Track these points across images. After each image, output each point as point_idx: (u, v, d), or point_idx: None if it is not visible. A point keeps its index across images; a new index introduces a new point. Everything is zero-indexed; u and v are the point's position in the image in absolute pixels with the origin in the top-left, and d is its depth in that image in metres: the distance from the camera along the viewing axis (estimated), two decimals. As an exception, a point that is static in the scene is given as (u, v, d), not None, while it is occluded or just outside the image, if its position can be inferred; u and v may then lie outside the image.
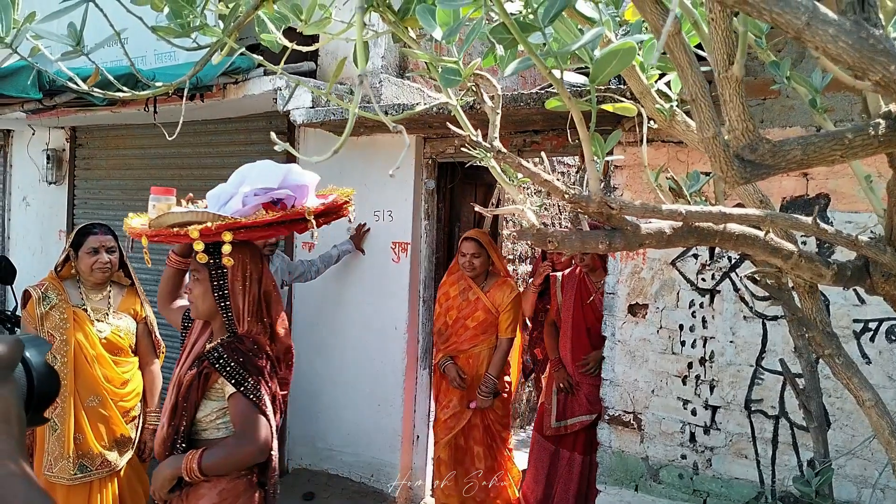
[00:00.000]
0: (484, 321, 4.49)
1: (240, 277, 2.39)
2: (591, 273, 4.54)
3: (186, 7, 1.47)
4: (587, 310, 4.55)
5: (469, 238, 4.48)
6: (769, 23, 0.75)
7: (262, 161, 2.56)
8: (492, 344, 4.50)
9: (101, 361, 3.26)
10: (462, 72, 1.39)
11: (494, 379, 4.41)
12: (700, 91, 0.91)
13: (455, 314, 4.54)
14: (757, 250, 1.47)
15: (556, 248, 1.33)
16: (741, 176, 0.98)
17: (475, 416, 4.51)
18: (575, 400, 4.51)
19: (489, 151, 1.38)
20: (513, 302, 4.47)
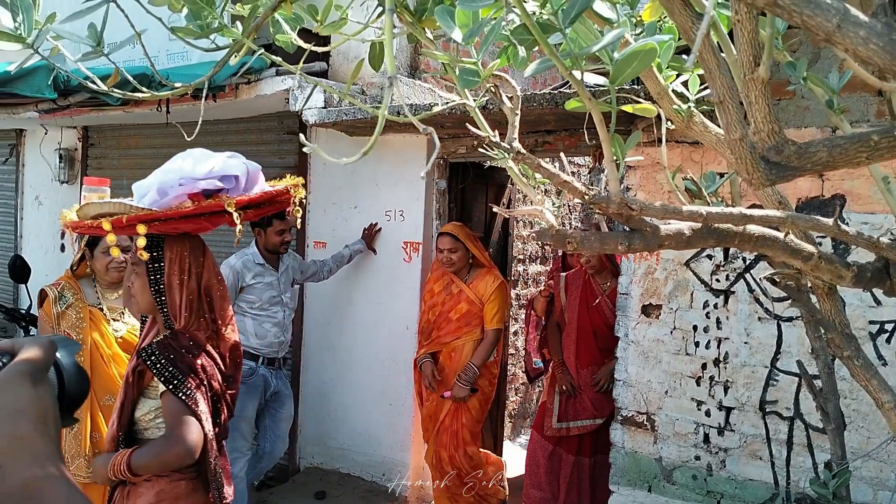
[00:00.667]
0: (468, 313, 4.36)
1: (177, 271, 2.29)
2: (597, 275, 4.50)
3: (206, 8, 1.47)
4: (593, 312, 4.50)
5: (445, 233, 4.35)
6: (799, 25, 0.75)
7: (194, 150, 2.42)
8: (476, 337, 4.36)
9: (116, 360, 3.28)
10: (481, 73, 1.38)
11: (476, 368, 4.27)
12: (728, 93, 0.91)
13: (439, 309, 4.43)
14: (777, 251, 1.47)
15: (575, 249, 1.33)
16: (767, 178, 0.97)
17: (446, 418, 4.33)
18: (578, 402, 4.45)
19: (509, 152, 1.37)
20: (497, 291, 4.34)
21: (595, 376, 4.40)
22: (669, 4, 0.85)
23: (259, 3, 1.53)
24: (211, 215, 2.27)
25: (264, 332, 4.37)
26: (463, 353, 4.35)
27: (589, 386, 4.43)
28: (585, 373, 4.48)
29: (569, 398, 4.47)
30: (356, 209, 4.94)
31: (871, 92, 3.01)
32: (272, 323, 4.39)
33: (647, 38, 1.25)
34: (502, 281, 4.40)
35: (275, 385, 4.48)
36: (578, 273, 4.59)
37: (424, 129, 0.89)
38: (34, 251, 6.86)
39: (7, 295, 7.17)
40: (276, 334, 4.41)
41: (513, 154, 1.36)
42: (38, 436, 0.63)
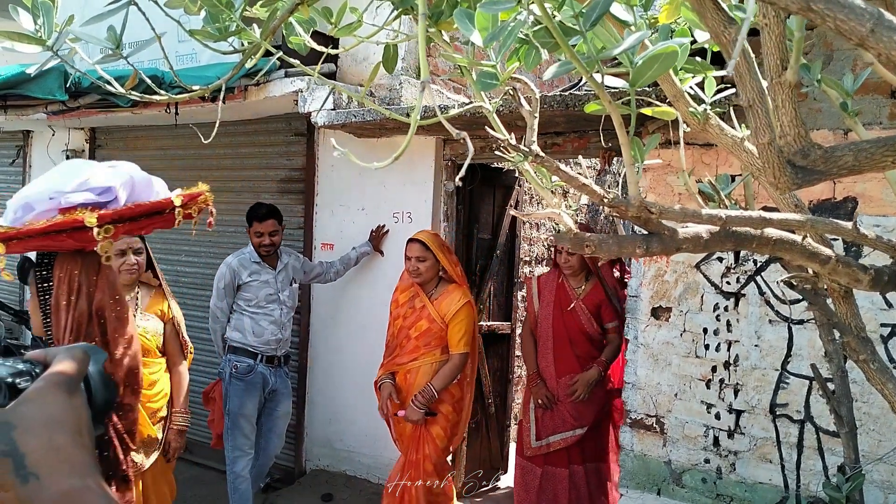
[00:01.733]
0: (427, 332, 3.92)
1: (65, 291, 2.15)
2: (572, 278, 4.30)
3: (225, 11, 1.48)
4: (568, 318, 4.27)
5: (414, 239, 3.99)
6: (832, 29, 0.75)
7: (72, 160, 2.35)
8: (435, 360, 3.92)
9: None
10: (499, 76, 1.38)
11: (435, 392, 3.83)
12: (758, 97, 0.91)
13: (400, 323, 4.04)
14: (794, 255, 1.46)
15: (593, 253, 1.32)
16: (793, 182, 0.97)
17: (409, 451, 3.95)
18: (556, 415, 4.24)
19: (528, 155, 1.37)
20: (462, 311, 3.89)
21: (571, 385, 4.21)
22: (702, 8, 0.85)
23: (277, 6, 1.53)
24: (74, 231, 2.08)
25: (261, 330, 4.42)
26: (418, 375, 3.92)
27: (567, 396, 4.23)
28: (563, 382, 4.27)
29: (545, 412, 4.27)
30: (364, 210, 4.94)
31: (884, 94, 3.01)
32: (269, 321, 4.44)
33: (664, 40, 1.25)
34: (469, 301, 3.95)
35: (273, 383, 4.51)
36: (552, 276, 4.40)
37: (458, 133, 0.89)
38: (41, 252, 6.86)
39: (13, 296, 7.18)
40: (273, 332, 4.45)
41: (531, 157, 1.36)
42: (74, 446, 0.63)
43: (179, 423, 3.49)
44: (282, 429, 4.69)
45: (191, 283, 5.89)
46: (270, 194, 5.45)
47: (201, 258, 5.85)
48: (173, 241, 5.98)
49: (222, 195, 5.65)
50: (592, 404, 4.25)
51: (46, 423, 0.62)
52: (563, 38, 1.15)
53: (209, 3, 1.46)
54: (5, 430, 0.61)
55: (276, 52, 1.57)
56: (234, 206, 5.62)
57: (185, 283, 5.86)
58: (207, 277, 5.78)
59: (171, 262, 5.82)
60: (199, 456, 5.46)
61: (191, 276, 5.93)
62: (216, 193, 5.94)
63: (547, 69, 1.22)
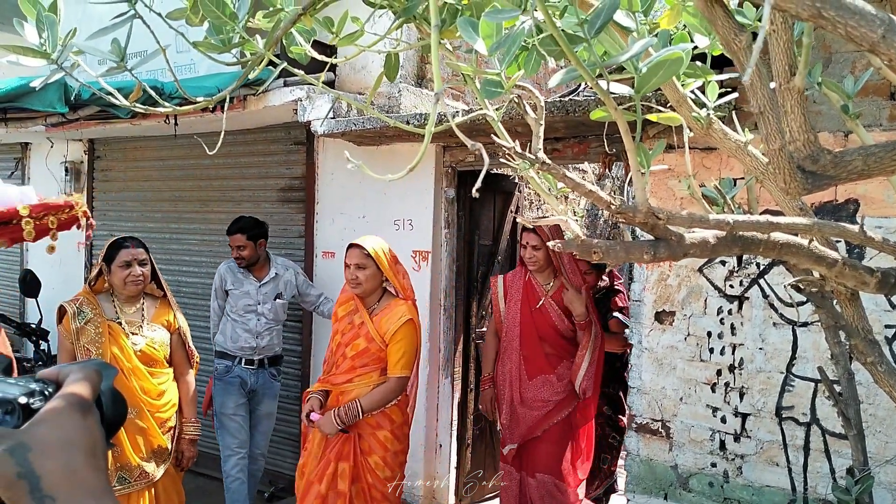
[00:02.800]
0: (365, 351, 3.51)
1: None
2: (539, 274, 4.13)
3: (229, 23, 1.48)
4: (537, 316, 4.08)
5: (354, 245, 3.57)
6: (842, 36, 0.75)
7: None
8: (372, 383, 3.50)
9: (137, 374, 3.29)
10: (504, 84, 1.38)
11: (360, 411, 3.40)
12: (768, 104, 0.91)
13: (338, 339, 3.63)
14: (801, 258, 1.46)
15: (601, 259, 1.32)
16: (803, 187, 0.97)
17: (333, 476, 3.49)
18: (514, 422, 4.07)
19: (534, 163, 1.37)
20: (403, 330, 3.46)
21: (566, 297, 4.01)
22: (712, 16, 0.85)
23: (280, 17, 1.53)
24: None
25: (236, 337, 4.62)
26: (351, 398, 3.49)
27: (534, 400, 4.02)
28: (535, 384, 4.05)
29: (513, 414, 4.06)
30: (364, 219, 4.94)
31: (883, 96, 3.02)
32: (243, 329, 4.62)
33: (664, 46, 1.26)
34: (412, 319, 3.51)
35: (252, 383, 4.62)
36: (518, 274, 4.21)
37: (473, 144, 0.88)
38: (40, 265, 6.85)
39: (13, 309, 7.17)
40: (247, 339, 4.62)
41: (538, 164, 1.36)
42: (89, 468, 0.62)
43: (191, 432, 3.54)
44: (265, 427, 4.80)
45: (192, 293, 5.89)
46: (270, 203, 5.45)
47: (202, 268, 5.85)
48: (174, 251, 5.98)
49: (222, 205, 5.67)
50: (558, 417, 4.05)
51: (62, 444, 0.62)
52: (569, 46, 1.15)
53: (213, 15, 1.46)
54: (21, 451, 0.60)
55: (281, 63, 1.57)
56: (234, 216, 5.62)
57: (187, 293, 5.85)
58: (208, 287, 5.78)
59: (172, 273, 5.81)
60: (203, 467, 5.44)
61: (192, 286, 5.92)
62: (216, 203, 5.97)
63: (550, 76, 1.23)
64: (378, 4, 1.53)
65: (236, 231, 4.57)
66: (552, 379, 4.06)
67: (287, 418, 5.37)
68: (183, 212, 6.00)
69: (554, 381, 4.06)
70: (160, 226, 6.11)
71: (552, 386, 4.05)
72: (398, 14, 1.55)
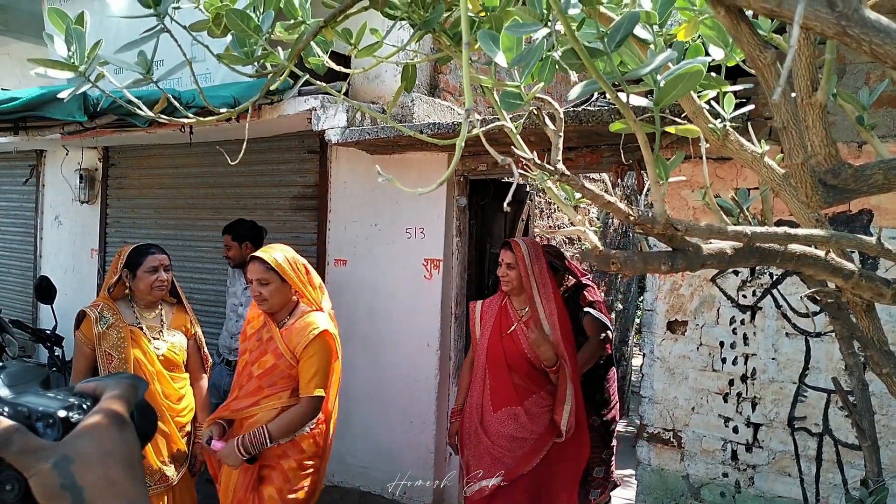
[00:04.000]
0: (272, 369, 3.12)
1: None
2: (515, 298, 3.76)
3: (253, 35, 1.50)
4: (507, 342, 3.69)
5: (255, 258, 3.18)
6: (867, 53, 0.76)
7: None
8: (281, 405, 3.11)
9: (159, 378, 3.32)
10: (524, 96, 1.40)
11: (268, 439, 2.99)
12: (792, 119, 0.92)
13: (246, 358, 3.26)
14: (818, 270, 1.47)
15: (619, 270, 1.33)
16: (825, 200, 0.98)
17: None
18: (487, 455, 3.63)
19: (553, 174, 1.38)
20: (315, 344, 3.06)
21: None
22: (738, 33, 0.86)
23: (302, 29, 1.56)
24: None
25: (223, 336, 4.90)
26: (257, 425, 3.07)
27: (500, 436, 3.60)
28: (499, 417, 3.63)
29: (476, 449, 3.69)
30: (377, 227, 4.97)
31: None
32: (226, 328, 4.86)
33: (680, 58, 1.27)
34: (326, 330, 3.11)
35: (227, 384, 4.59)
36: (496, 299, 3.87)
37: (503, 159, 0.90)
38: (54, 271, 6.92)
39: (27, 315, 7.23)
40: (225, 338, 4.84)
41: (558, 175, 1.37)
42: (128, 480, 0.64)
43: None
44: None
45: (204, 299, 5.92)
46: (283, 211, 5.48)
47: (215, 275, 5.89)
48: (187, 258, 6.02)
49: (235, 212, 5.71)
50: (534, 451, 3.60)
51: (102, 457, 0.63)
52: (589, 59, 1.17)
53: (238, 28, 1.48)
54: (64, 463, 0.62)
55: (303, 76, 1.60)
56: (247, 223, 5.67)
57: (199, 300, 5.89)
58: (221, 294, 5.81)
59: (185, 280, 5.85)
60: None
61: (205, 292, 5.95)
62: (229, 211, 6.00)
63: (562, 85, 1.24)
64: (398, 17, 1.55)
65: (224, 231, 4.87)
66: (518, 412, 3.61)
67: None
68: (196, 219, 6.04)
69: (520, 415, 3.60)
70: (174, 233, 6.15)
71: (517, 420, 3.60)
72: (417, 26, 1.57)
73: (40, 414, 0.65)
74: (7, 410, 0.64)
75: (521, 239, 3.79)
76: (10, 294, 7.59)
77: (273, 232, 5.52)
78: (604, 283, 8.06)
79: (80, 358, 3.32)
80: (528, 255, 3.65)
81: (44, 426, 0.65)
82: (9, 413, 0.64)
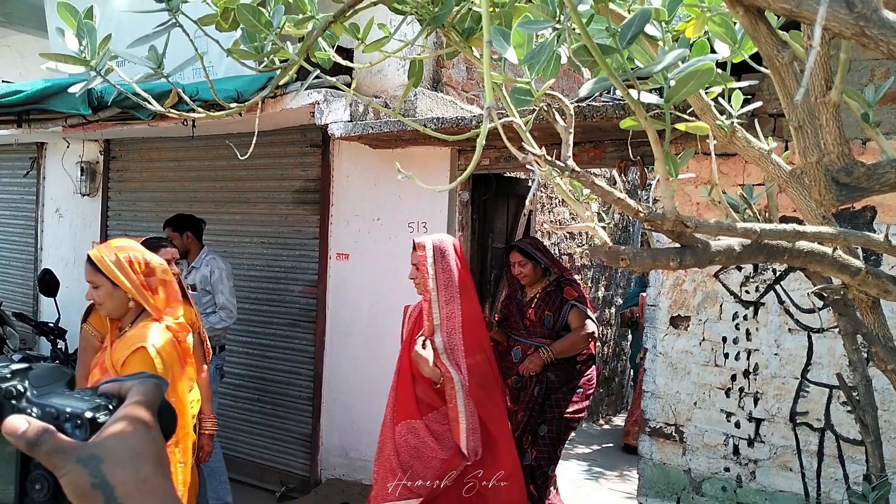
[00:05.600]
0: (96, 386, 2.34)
1: None
2: (425, 303, 3.52)
3: (263, 30, 1.50)
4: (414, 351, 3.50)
5: (88, 258, 2.77)
6: (884, 54, 0.77)
7: None
8: None
9: None
10: (534, 92, 1.40)
11: None
12: (807, 118, 0.93)
13: (84, 372, 3.00)
14: (825, 267, 1.48)
15: (628, 266, 1.34)
16: (837, 199, 0.99)
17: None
18: (381, 472, 3.44)
19: (564, 170, 1.39)
20: (133, 361, 2.61)
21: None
22: (756, 32, 0.87)
23: (312, 23, 1.56)
24: None
25: None
26: None
27: (401, 446, 3.35)
28: (400, 430, 3.38)
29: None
30: (379, 221, 4.97)
31: (901, 104, 3.03)
32: None
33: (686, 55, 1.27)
34: (144, 347, 2.64)
35: None
36: (419, 304, 3.65)
37: (524, 157, 0.91)
38: (55, 263, 6.92)
39: (27, 307, 7.23)
40: None
41: (568, 172, 1.38)
42: (159, 478, 0.65)
43: (209, 427, 3.61)
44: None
45: (206, 293, 5.92)
46: (285, 205, 5.49)
47: (216, 268, 5.89)
48: (188, 251, 6.02)
49: (237, 206, 5.71)
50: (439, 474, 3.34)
51: (131, 455, 0.64)
52: (602, 56, 1.18)
53: (249, 23, 1.49)
54: (94, 462, 0.62)
55: (313, 70, 1.60)
56: (249, 217, 5.67)
57: (201, 294, 5.89)
58: (223, 288, 5.82)
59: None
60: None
61: (206, 286, 5.96)
62: (231, 204, 6.00)
63: (571, 83, 1.25)
64: (407, 13, 1.56)
65: (164, 226, 5.01)
66: (418, 426, 3.34)
67: (299, 418, 5.40)
68: (198, 212, 6.00)
69: (420, 430, 3.33)
70: (175, 226, 6.15)
71: (417, 435, 3.34)
72: (427, 22, 1.58)
73: (68, 415, 0.66)
74: (36, 411, 0.65)
75: (428, 237, 3.61)
76: (11, 287, 7.60)
77: (275, 226, 5.53)
78: (604, 277, 8.07)
79: (88, 351, 3.30)
80: (431, 254, 3.46)
81: (72, 427, 0.65)
82: (37, 414, 0.65)
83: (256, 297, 5.66)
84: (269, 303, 5.60)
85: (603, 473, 6.23)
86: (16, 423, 0.63)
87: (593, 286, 7.83)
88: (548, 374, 4.13)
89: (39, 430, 0.63)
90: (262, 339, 5.62)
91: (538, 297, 4.30)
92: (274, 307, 5.57)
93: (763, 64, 1.26)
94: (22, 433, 0.62)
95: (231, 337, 5.65)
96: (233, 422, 5.55)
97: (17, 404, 0.65)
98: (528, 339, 4.27)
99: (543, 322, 4.25)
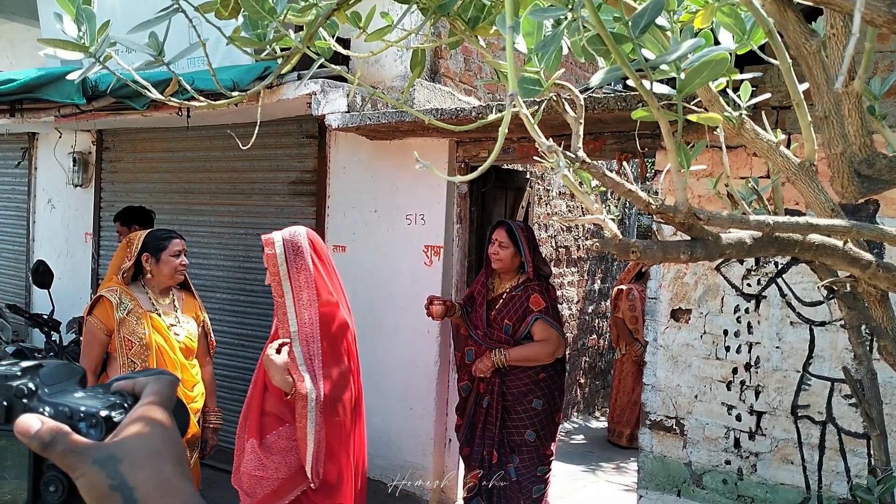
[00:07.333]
0: None
1: None
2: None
3: (267, 17, 1.47)
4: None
5: None
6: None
7: None
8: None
9: (181, 366, 3.34)
10: (543, 82, 1.37)
11: None
12: (833, 109, 0.91)
13: None
14: (836, 260, 1.46)
15: (638, 259, 1.32)
16: (859, 191, 0.97)
17: None
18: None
19: (574, 161, 1.36)
20: None
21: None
22: (784, 20, 0.84)
23: (316, 12, 1.53)
24: None
25: None
26: None
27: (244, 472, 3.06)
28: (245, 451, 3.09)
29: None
30: (376, 213, 4.94)
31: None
32: None
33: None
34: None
35: None
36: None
37: (549, 146, 0.88)
38: (47, 255, 6.86)
39: (19, 299, 7.17)
40: None
41: (578, 163, 1.35)
42: (177, 477, 0.62)
43: (214, 421, 3.61)
44: None
45: (201, 285, 5.87)
46: (281, 196, 5.45)
47: (211, 260, 5.85)
48: (184, 243, 5.98)
49: (232, 197, 5.67)
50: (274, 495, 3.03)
51: (150, 455, 0.61)
52: (615, 45, 1.15)
53: (252, 10, 1.45)
54: (112, 463, 0.60)
55: (317, 59, 1.57)
56: (245, 209, 5.63)
57: (196, 286, 5.85)
58: (217, 280, 5.79)
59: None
60: (212, 458, 5.46)
61: (201, 278, 5.91)
62: (226, 195, 5.96)
63: (573, 73, 1.22)
64: (411, 1, 1.53)
65: (114, 220, 5.20)
66: (254, 445, 3.04)
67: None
68: (192, 204, 5.99)
69: (256, 449, 3.03)
70: (169, 217, 6.09)
71: (256, 457, 3.03)
72: (431, 10, 1.54)
73: (83, 414, 0.63)
74: (48, 410, 0.62)
75: (278, 233, 3.24)
76: (3, 278, 7.54)
77: (271, 217, 5.48)
78: (600, 270, 8.06)
79: (94, 344, 3.27)
80: (282, 252, 3.15)
81: (87, 426, 0.63)
82: (50, 413, 0.62)
83: (252, 290, 5.62)
84: (264, 294, 5.56)
85: (599, 466, 6.23)
86: (28, 423, 0.60)
87: (590, 279, 7.82)
88: (501, 384, 3.84)
89: (53, 430, 0.60)
90: (257, 331, 5.59)
91: (504, 298, 3.92)
92: (269, 299, 5.53)
93: (769, 55, 1.23)
94: (35, 433, 0.60)
95: (226, 329, 5.62)
96: (227, 414, 5.52)
97: (28, 403, 0.63)
98: (484, 342, 3.91)
99: (503, 328, 3.89)
